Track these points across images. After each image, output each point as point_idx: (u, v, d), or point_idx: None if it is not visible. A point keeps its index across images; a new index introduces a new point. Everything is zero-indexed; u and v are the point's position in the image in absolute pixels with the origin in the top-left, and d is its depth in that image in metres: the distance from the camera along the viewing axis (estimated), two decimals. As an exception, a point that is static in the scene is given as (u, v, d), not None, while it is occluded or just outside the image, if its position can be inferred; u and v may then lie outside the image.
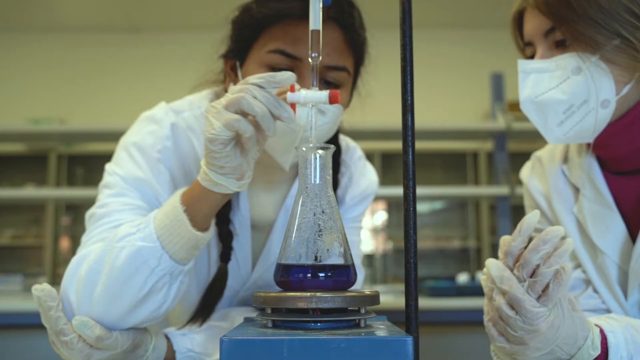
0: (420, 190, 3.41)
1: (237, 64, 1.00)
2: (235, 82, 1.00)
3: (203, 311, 0.98)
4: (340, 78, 0.98)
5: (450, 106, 5.04)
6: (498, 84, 3.19)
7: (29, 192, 3.95)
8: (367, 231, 5.32)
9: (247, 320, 0.77)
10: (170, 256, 0.83)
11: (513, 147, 3.24)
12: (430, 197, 4.19)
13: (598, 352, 0.76)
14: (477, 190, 4.19)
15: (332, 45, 0.95)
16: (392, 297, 3.07)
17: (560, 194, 1.03)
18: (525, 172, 1.13)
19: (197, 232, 0.83)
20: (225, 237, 1.00)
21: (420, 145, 5.01)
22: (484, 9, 4.61)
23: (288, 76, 0.78)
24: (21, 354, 2.46)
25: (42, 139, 4.34)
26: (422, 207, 5.50)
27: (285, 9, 0.95)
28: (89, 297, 0.83)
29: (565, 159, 1.05)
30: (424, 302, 2.64)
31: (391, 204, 5.41)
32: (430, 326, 2.57)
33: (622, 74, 0.89)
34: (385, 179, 5.11)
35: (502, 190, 2.96)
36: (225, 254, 0.99)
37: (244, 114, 0.77)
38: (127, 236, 0.84)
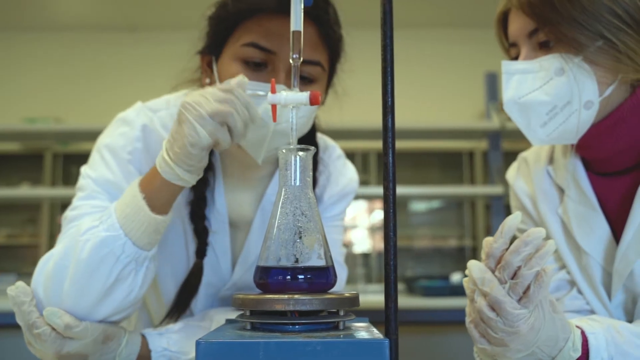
0: (415, 190, 3.42)
1: (213, 60, 1.02)
2: (211, 77, 1.02)
3: (178, 307, 1.00)
4: (314, 73, 0.99)
5: (446, 105, 5.04)
6: (492, 84, 3.19)
7: (24, 191, 3.95)
8: (365, 230, 5.33)
9: (229, 322, 0.77)
10: (133, 242, 0.86)
11: (507, 146, 3.24)
12: (424, 196, 4.20)
13: (579, 353, 0.76)
14: (471, 190, 4.20)
15: (305, 40, 0.96)
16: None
17: (546, 194, 1.03)
18: (511, 172, 1.13)
19: (156, 216, 0.86)
20: (201, 233, 1.01)
21: (416, 144, 5.02)
22: (479, 8, 4.60)
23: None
24: (18, 353, 2.46)
25: (38, 138, 4.34)
26: (419, 206, 5.50)
27: (260, 3, 0.97)
28: (57, 292, 0.85)
29: (551, 160, 1.05)
30: (418, 302, 2.65)
31: (387, 203, 5.39)
32: (423, 326, 2.57)
33: (605, 76, 0.89)
34: (381, 178, 5.09)
35: (496, 189, 2.96)
36: (201, 250, 1.01)
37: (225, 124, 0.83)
38: (90, 229, 0.86)
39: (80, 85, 5.08)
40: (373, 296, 3.22)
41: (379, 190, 3.66)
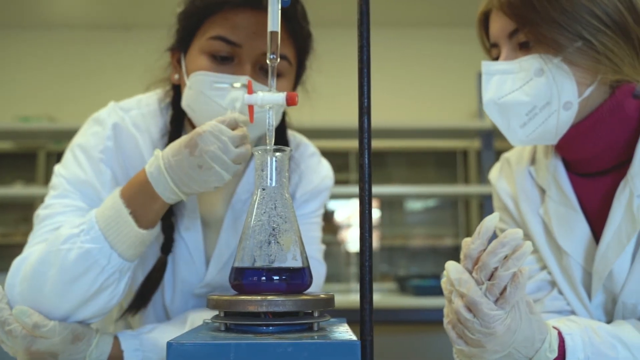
0: (408, 189, 3.43)
1: (181, 55, 1.04)
2: (180, 73, 1.04)
3: (140, 301, 1.02)
4: (281, 67, 1.00)
5: (441, 105, 5.03)
6: (485, 83, 3.19)
7: (17, 190, 3.94)
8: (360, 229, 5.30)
9: (206, 323, 0.77)
10: (119, 254, 0.88)
11: (500, 145, 3.24)
12: (417, 195, 4.21)
13: (555, 354, 0.76)
14: (465, 189, 4.20)
15: None
16: (382, 296, 3.09)
17: (527, 195, 1.03)
18: (494, 173, 1.12)
19: (144, 231, 0.89)
20: (167, 229, 1.02)
21: (411, 143, 5.00)
22: (473, 7, 4.60)
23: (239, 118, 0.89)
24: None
25: (31, 137, 4.32)
26: (415, 205, 5.51)
27: None
28: (36, 295, 0.86)
29: (533, 161, 1.05)
30: (409, 301, 2.66)
31: (383, 202, 5.42)
32: (414, 325, 2.58)
33: (584, 76, 0.89)
34: (375, 177, 5.09)
35: (489, 188, 2.96)
36: (166, 246, 1.02)
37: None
38: (71, 238, 0.87)
39: (74, 84, 5.06)
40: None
41: (376, 189, 3.68)
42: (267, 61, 0.75)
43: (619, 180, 0.91)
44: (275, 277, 0.68)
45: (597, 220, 0.95)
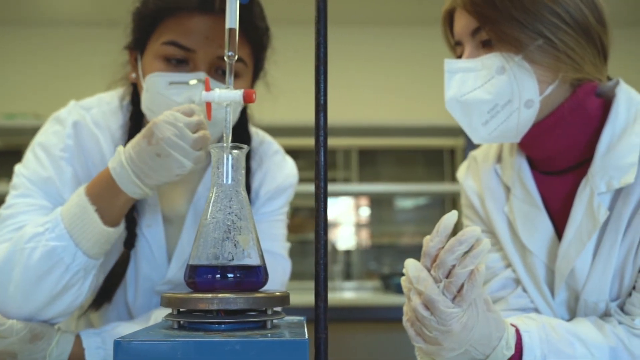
0: (396, 187, 3.44)
1: (138, 55, 1.04)
2: (137, 74, 1.04)
3: (104, 296, 1.02)
4: (235, 67, 0.99)
5: (430, 103, 5.02)
6: (470, 81, 3.20)
7: (2, 188, 3.91)
8: (351, 227, 5.34)
9: (163, 321, 0.77)
10: (83, 252, 0.88)
11: (486, 143, 3.25)
12: (405, 193, 4.22)
13: (512, 352, 0.76)
14: (451, 187, 4.22)
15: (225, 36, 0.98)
16: (365, 294, 3.10)
17: (493, 193, 1.03)
18: (462, 171, 1.12)
19: (109, 229, 0.90)
20: (129, 224, 1.02)
21: (400, 141, 4.98)
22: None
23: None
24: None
25: (17, 134, 4.29)
26: (404, 203, 5.52)
27: (180, 1, 0.98)
28: (0, 297, 0.87)
29: (499, 159, 1.05)
30: (393, 299, 2.66)
31: (373, 200, 5.43)
32: (395, 322, 2.58)
33: (546, 75, 0.89)
34: (363, 175, 5.11)
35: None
36: (129, 241, 1.02)
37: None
38: (35, 236, 0.88)
39: (60, 81, 5.02)
40: (350, 293, 3.22)
41: (362, 187, 3.66)
42: (225, 58, 0.74)
43: (581, 179, 0.91)
44: (229, 275, 0.68)
45: (560, 218, 0.95)
